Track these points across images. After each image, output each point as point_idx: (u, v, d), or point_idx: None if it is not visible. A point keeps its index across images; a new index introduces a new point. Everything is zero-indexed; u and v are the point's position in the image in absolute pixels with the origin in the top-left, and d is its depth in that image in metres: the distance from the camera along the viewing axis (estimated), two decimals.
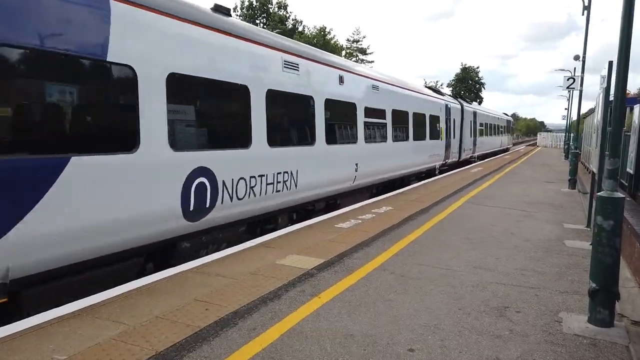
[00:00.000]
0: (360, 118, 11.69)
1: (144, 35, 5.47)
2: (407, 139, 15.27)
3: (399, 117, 14.56)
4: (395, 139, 14.18)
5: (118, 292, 4.88)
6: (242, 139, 7.31)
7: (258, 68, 7.62)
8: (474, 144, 27.23)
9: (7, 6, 4.17)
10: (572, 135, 31.88)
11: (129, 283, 5.15)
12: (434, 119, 18.26)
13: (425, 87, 20.74)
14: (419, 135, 16.31)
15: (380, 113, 12.98)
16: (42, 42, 4.43)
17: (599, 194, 4.38)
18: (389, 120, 13.45)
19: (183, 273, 5.58)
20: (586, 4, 18.14)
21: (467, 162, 26.15)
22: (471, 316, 4.65)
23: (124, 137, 5.36)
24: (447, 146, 20.53)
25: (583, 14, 18.19)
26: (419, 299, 5.07)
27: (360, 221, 8.93)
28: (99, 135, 5.16)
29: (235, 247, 6.85)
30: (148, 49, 5.52)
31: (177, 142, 6.00)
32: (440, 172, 20.05)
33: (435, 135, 18.30)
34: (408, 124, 15.32)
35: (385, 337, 4.14)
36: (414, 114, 15.80)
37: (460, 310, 4.78)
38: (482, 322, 4.52)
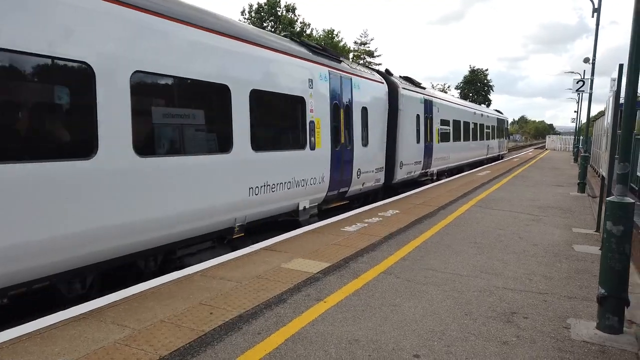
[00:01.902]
0: None
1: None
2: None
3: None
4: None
5: (123, 295, 4.89)
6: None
7: None
8: (428, 153, 16.77)
9: None
10: (581, 138, 31.54)
11: (134, 286, 5.16)
12: (287, 105, 8.98)
13: (298, 41, 10.40)
14: (196, 145, 6.70)
15: None
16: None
17: (608, 199, 4.32)
18: None
19: (188, 276, 5.58)
20: (596, 5, 18.01)
21: (416, 183, 16.38)
22: (478, 322, 4.60)
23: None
24: (340, 162, 10.50)
25: (593, 16, 18.05)
26: (425, 304, 5.03)
27: (366, 224, 8.89)
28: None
29: (240, 250, 6.85)
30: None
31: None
32: (311, 221, 9.53)
33: (289, 141, 9.09)
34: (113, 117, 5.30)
35: (390, 343, 4.10)
36: (188, 86, 6.51)
37: (467, 316, 4.73)
38: (489, 327, 4.47)
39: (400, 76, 16.00)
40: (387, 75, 14.55)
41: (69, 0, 4.84)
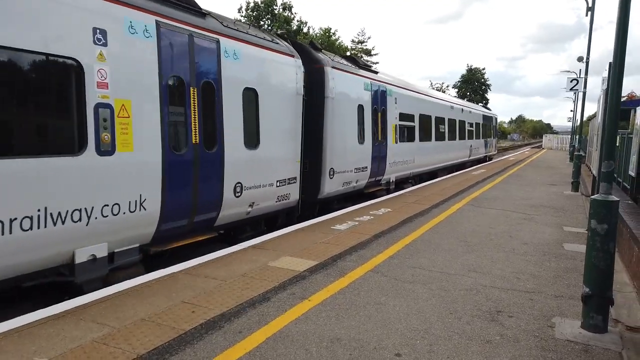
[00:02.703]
0: None
1: None
2: None
3: None
4: None
5: (105, 293, 4.84)
6: None
7: None
8: (379, 156, 12.90)
9: None
10: (576, 137, 31.48)
11: (116, 285, 5.10)
12: (21, 72, 4.81)
13: None
14: None
15: None
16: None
17: (592, 197, 4.29)
18: None
19: (172, 275, 5.54)
20: (590, 4, 18.00)
21: (362, 196, 12.48)
22: (462, 320, 4.56)
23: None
24: (190, 175, 6.71)
25: (587, 15, 18.05)
26: (411, 302, 4.99)
27: (357, 223, 8.85)
28: None
29: (227, 248, 6.80)
30: None
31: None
32: (120, 278, 5.76)
33: (27, 138, 4.93)
34: None
35: (372, 341, 4.07)
36: None
37: (452, 315, 4.70)
38: (473, 326, 4.43)
39: (344, 55, 12.16)
40: (306, 47, 10.56)
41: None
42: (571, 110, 47.95)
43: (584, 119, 26.62)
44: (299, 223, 8.81)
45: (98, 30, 5.40)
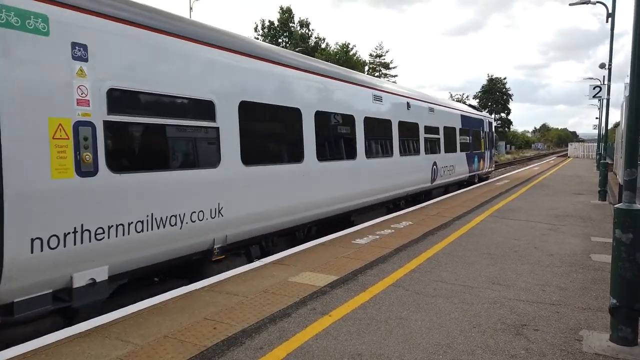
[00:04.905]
0: None
1: None
2: None
3: None
4: None
5: (129, 311, 4.93)
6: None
7: None
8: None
9: None
10: (602, 144, 30.73)
11: (140, 302, 5.19)
12: None
13: None
14: None
15: None
16: None
17: (616, 206, 4.20)
18: None
19: (194, 292, 5.60)
20: (610, 10, 17.74)
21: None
22: (486, 334, 4.48)
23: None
24: None
25: (607, 21, 17.79)
26: (433, 316, 4.93)
27: (378, 237, 8.81)
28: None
29: (249, 264, 6.85)
30: None
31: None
32: None
33: None
34: None
35: (394, 357, 4.03)
36: None
37: (475, 328, 4.62)
38: (497, 340, 4.35)
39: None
40: None
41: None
42: (596, 118, 46.97)
43: (611, 125, 25.99)
44: (320, 238, 8.82)
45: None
